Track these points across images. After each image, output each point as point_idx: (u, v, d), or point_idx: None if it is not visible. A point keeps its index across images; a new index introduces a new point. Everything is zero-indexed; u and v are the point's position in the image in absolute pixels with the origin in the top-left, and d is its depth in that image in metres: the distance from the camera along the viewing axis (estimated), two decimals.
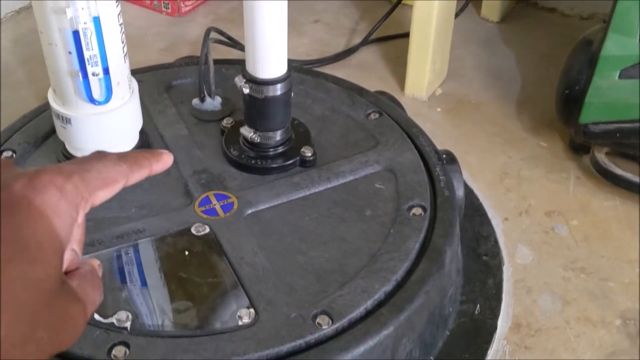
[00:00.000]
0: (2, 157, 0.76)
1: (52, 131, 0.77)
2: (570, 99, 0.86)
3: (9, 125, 0.81)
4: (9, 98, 1.05)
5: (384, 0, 1.32)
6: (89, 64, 0.66)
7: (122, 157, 0.36)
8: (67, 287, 0.31)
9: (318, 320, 0.59)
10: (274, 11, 0.68)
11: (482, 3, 1.27)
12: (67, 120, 0.70)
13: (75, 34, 0.64)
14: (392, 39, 1.22)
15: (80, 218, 0.32)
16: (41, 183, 0.30)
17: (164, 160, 0.39)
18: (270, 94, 0.72)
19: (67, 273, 0.33)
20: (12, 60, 1.16)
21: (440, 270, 0.65)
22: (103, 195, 0.34)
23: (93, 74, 0.67)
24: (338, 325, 0.59)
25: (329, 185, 0.75)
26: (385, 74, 1.13)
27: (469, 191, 0.89)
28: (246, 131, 0.76)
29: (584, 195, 0.89)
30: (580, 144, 0.93)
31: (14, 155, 0.76)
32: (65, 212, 0.31)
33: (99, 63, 0.66)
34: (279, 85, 0.72)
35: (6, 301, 0.27)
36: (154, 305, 0.61)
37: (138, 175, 0.37)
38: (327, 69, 1.13)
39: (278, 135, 0.76)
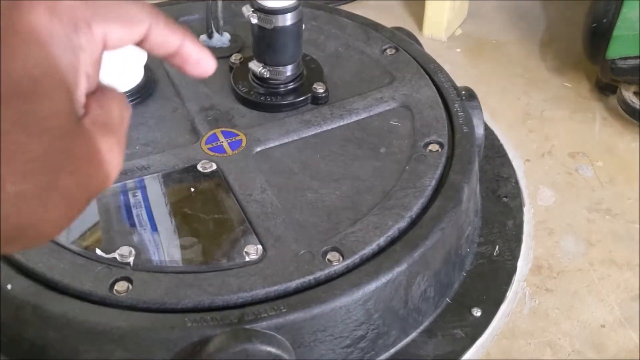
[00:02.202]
0: None
1: None
2: (598, 33, 0.82)
3: None
4: None
5: None
6: None
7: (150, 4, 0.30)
8: (88, 120, 0.26)
9: (328, 256, 0.57)
10: None
11: None
12: None
13: None
14: None
15: (84, 42, 0.26)
16: (27, 2, 0.24)
17: (204, 57, 0.31)
18: (280, 24, 0.68)
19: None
20: None
21: (457, 207, 0.62)
22: (117, 31, 0.27)
23: None
24: (349, 261, 0.57)
25: (341, 123, 0.72)
26: (403, 14, 1.09)
27: (489, 132, 0.85)
28: (255, 66, 0.73)
29: (610, 136, 0.85)
30: (607, 83, 0.89)
31: None
32: (61, 34, 0.25)
33: None
34: (288, 15, 0.68)
35: (7, 149, 0.22)
36: (159, 241, 0.59)
37: (163, 32, 0.29)
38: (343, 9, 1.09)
39: (288, 71, 0.73)
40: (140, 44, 0.29)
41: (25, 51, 0.24)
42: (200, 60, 0.31)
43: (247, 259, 0.57)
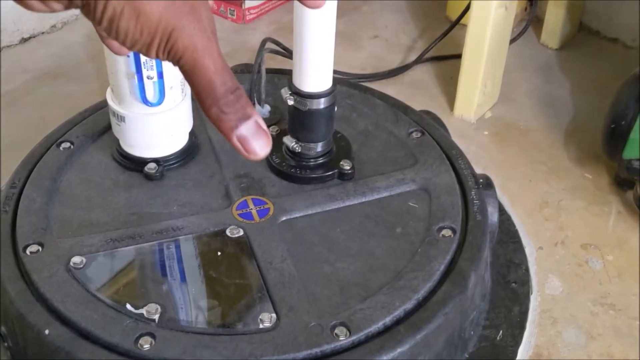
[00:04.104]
0: (61, 148, 0.81)
1: (109, 127, 0.81)
2: (616, 133, 0.86)
3: (70, 118, 0.86)
4: (76, 91, 1.12)
5: (445, 20, 1.33)
6: (144, 68, 0.70)
7: None
8: None
9: (336, 331, 0.61)
10: (320, 31, 0.70)
11: (542, 29, 1.27)
12: (121, 118, 0.75)
13: None
14: (447, 59, 1.23)
15: None
16: None
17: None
18: (314, 107, 0.75)
19: None
20: (83, 55, 1.23)
21: (462, 293, 0.67)
22: None
23: (148, 77, 0.71)
24: (355, 338, 0.61)
25: (363, 200, 0.77)
26: (436, 93, 1.15)
27: (506, 217, 0.89)
28: (289, 141, 0.79)
29: (624, 230, 0.89)
30: (625, 178, 0.92)
31: (72, 146, 0.81)
32: None
33: (154, 67, 0.70)
34: (322, 99, 0.75)
35: None
36: (184, 300, 0.65)
37: None
38: (380, 85, 1.15)
39: (319, 147, 0.79)
40: None
41: None
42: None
43: (260, 326, 0.62)
